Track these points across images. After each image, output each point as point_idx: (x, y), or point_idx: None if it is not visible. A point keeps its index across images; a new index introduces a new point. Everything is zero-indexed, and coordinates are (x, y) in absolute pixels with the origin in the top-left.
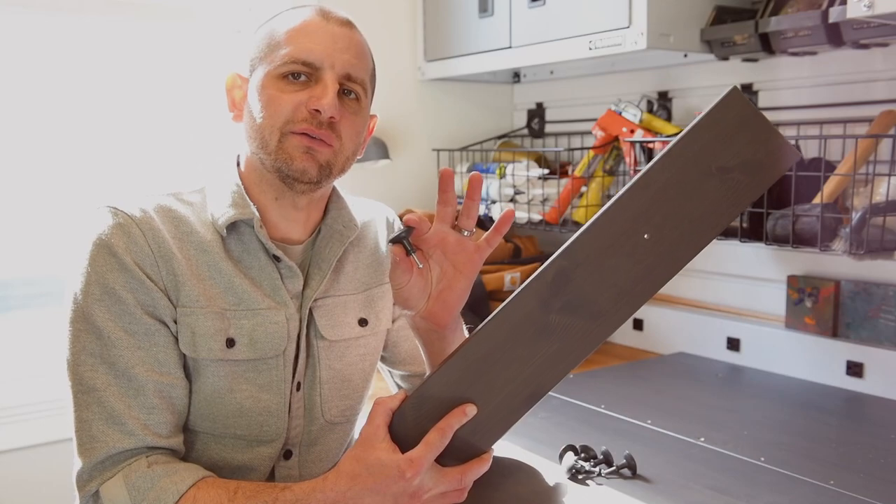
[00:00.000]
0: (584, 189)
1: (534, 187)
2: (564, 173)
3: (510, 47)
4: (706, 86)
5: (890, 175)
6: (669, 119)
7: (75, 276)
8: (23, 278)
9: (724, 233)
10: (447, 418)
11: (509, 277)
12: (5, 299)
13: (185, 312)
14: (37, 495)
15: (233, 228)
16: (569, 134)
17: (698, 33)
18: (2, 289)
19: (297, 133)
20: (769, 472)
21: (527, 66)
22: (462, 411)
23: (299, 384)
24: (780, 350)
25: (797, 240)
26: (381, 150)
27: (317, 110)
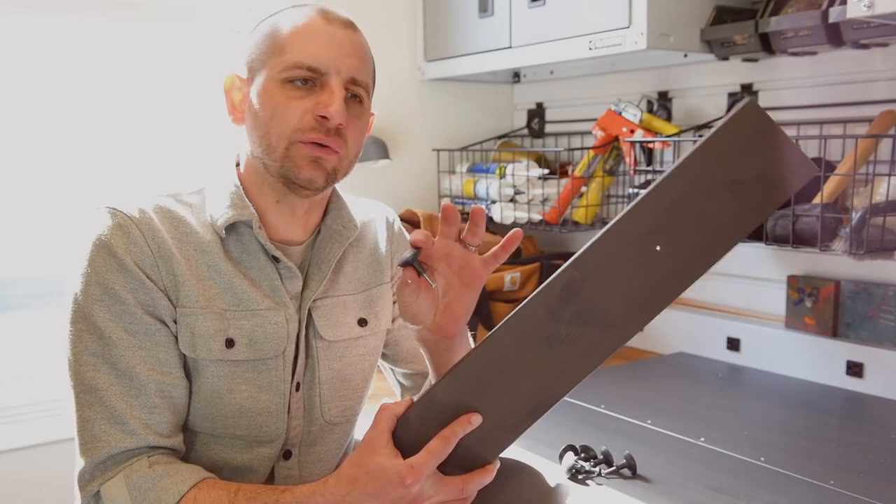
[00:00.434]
0: (584, 189)
1: (534, 187)
2: (564, 173)
3: (510, 47)
4: (706, 86)
5: (890, 175)
6: (669, 119)
7: (75, 277)
8: (23, 278)
9: None
10: (452, 426)
11: (509, 277)
12: (5, 299)
13: (184, 312)
14: (37, 495)
15: (232, 229)
16: (569, 134)
17: (698, 33)
18: (2, 289)
19: (305, 142)
20: (769, 472)
21: (527, 66)
22: (467, 420)
23: (298, 384)
24: (780, 350)
25: (797, 240)
26: (381, 150)
27: (324, 117)
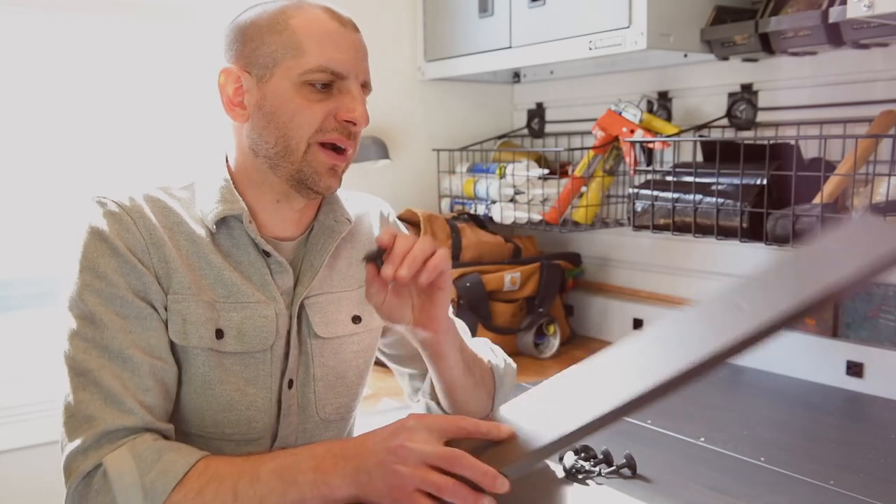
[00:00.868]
0: (584, 189)
1: (534, 187)
2: (564, 173)
3: (510, 47)
4: (706, 86)
5: (890, 175)
6: (669, 119)
7: (70, 266)
8: (22, 278)
9: (724, 233)
10: (477, 421)
11: (509, 277)
12: (5, 299)
13: (176, 299)
14: (37, 495)
15: (222, 224)
16: (569, 134)
17: (698, 33)
18: (1, 289)
19: (325, 144)
20: (769, 472)
21: (527, 66)
22: (497, 427)
23: (291, 381)
24: (780, 350)
25: (797, 240)
26: (381, 150)
27: (350, 122)
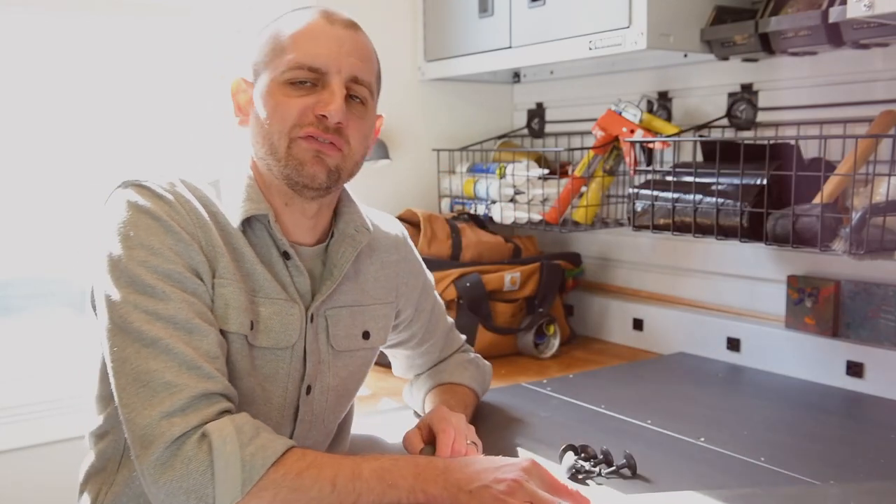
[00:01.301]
0: (584, 189)
1: (534, 187)
2: (564, 173)
3: (510, 47)
4: (706, 86)
5: (890, 175)
6: (669, 119)
7: (112, 245)
8: (23, 278)
9: (724, 233)
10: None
11: (509, 277)
12: (5, 299)
13: (221, 283)
14: (37, 495)
15: (246, 224)
16: (569, 134)
17: (698, 33)
18: (1, 289)
19: (304, 137)
20: (769, 472)
21: (527, 66)
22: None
23: (310, 387)
24: (780, 350)
25: (797, 240)
26: (381, 150)
27: (324, 116)
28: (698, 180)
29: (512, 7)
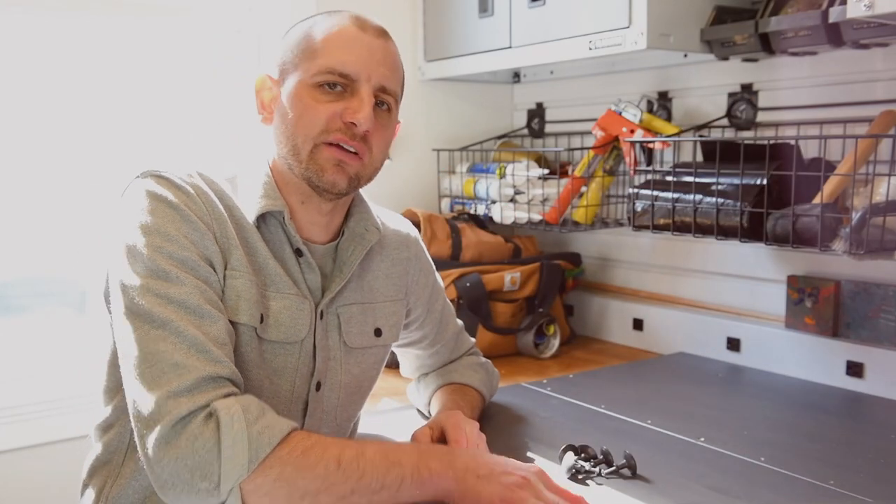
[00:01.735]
0: (584, 189)
1: (534, 187)
2: (564, 173)
3: (510, 47)
4: (706, 86)
5: (890, 175)
6: (669, 119)
7: (129, 232)
8: (23, 279)
9: (724, 233)
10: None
11: (509, 277)
12: (5, 299)
13: (233, 275)
14: (37, 495)
15: (261, 220)
16: (569, 134)
17: (698, 33)
18: (2, 289)
19: (330, 144)
20: (769, 472)
21: (527, 66)
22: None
23: (319, 384)
24: (780, 350)
25: (797, 240)
26: None
27: (353, 123)
28: (698, 180)
29: (512, 7)
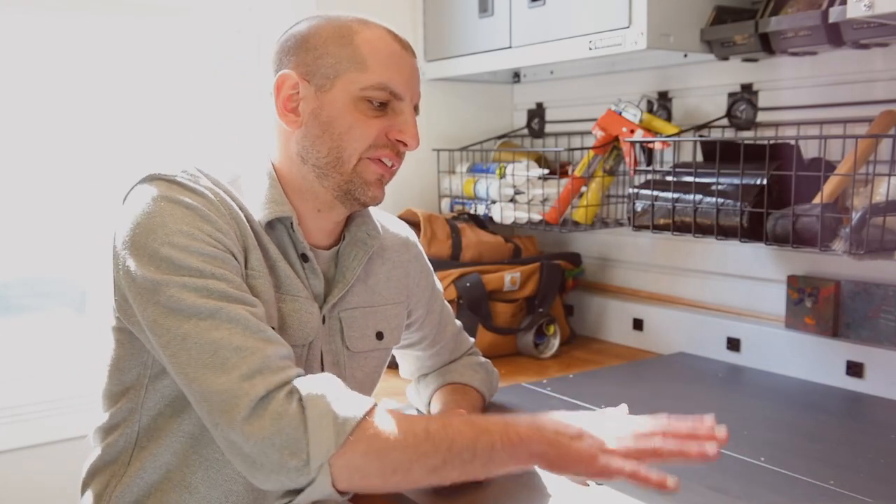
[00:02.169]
0: (584, 189)
1: (534, 187)
2: (564, 173)
3: (510, 47)
4: (706, 86)
5: (890, 175)
6: (669, 119)
7: (143, 238)
8: (23, 279)
9: (724, 233)
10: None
11: (509, 277)
12: (5, 299)
13: (252, 276)
14: (37, 495)
15: (268, 224)
16: (569, 134)
17: (698, 33)
18: (2, 289)
19: (374, 159)
20: (769, 472)
21: (527, 66)
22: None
23: None
24: (780, 350)
25: (797, 240)
26: None
27: (402, 142)
28: (698, 180)
29: (512, 7)
